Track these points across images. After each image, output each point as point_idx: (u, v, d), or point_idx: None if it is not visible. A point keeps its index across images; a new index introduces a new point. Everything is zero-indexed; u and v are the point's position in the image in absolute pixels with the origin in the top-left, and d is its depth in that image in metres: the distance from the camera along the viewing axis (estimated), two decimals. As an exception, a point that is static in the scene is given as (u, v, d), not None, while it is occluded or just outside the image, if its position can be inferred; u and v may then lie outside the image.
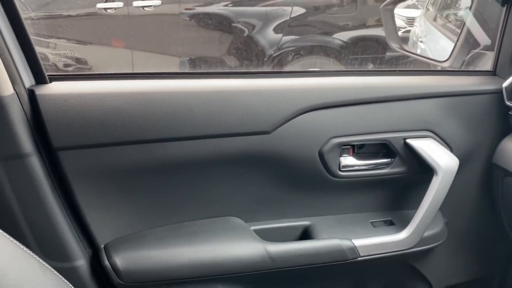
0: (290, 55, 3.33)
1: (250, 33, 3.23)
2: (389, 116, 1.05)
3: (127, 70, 2.72)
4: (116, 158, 0.92)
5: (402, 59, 2.07)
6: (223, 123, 0.95)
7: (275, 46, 3.25)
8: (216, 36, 3.35)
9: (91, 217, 0.95)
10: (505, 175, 1.11)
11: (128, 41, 3.35)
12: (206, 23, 3.50)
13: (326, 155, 1.03)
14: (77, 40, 3.51)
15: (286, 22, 3.27)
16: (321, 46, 3.37)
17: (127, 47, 3.47)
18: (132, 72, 0.96)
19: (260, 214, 1.09)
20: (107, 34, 3.37)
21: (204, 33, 3.48)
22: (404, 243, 1.06)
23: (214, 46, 3.30)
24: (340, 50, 3.37)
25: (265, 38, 3.22)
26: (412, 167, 1.08)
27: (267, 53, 3.28)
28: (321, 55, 3.33)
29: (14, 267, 0.62)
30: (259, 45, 3.24)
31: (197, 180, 1.00)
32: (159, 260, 0.96)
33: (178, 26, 3.49)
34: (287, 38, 3.29)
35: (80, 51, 3.30)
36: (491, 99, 1.10)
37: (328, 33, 3.47)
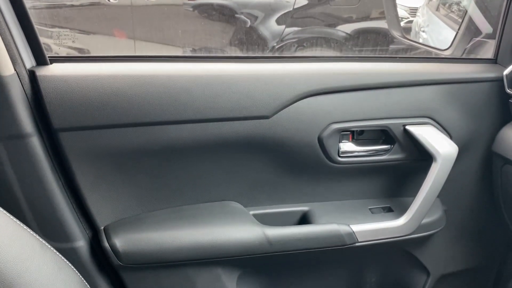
0: (293, 47, 3.32)
1: (253, 24, 3.22)
2: (389, 102, 1.05)
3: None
4: (116, 140, 0.92)
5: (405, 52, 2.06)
6: (223, 107, 0.95)
7: (277, 38, 3.24)
8: (219, 27, 3.35)
9: (91, 199, 0.95)
10: (504, 163, 1.11)
11: (131, 31, 3.34)
12: (209, 13, 3.49)
13: (326, 140, 1.03)
14: (80, 29, 3.51)
15: (289, 14, 3.25)
16: (324, 38, 3.36)
17: (130, 37, 3.47)
18: (132, 55, 0.96)
19: (259, 199, 1.09)
20: (110, 24, 3.37)
21: (207, 23, 3.48)
22: (402, 230, 1.07)
23: (216, 37, 3.30)
24: (344, 42, 3.35)
25: (268, 29, 3.21)
26: (411, 153, 1.08)
27: (270, 44, 3.27)
28: (324, 47, 3.32)
29: (14, 245, 0.63)
30: (261, 36, 3.24)
31: (196, 164, 1.01)
32: (158, 242, 0.97)
33: (181, 17, 3.48)
34: (290, 30, 3.28)
35: (83, 40, 3.30)
36: (491, 87, 1.10)
37: (331, 25, 3.45)
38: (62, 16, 3.29)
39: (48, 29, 3.22)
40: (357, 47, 3.36)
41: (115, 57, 0.95)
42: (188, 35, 3.46)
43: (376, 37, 3.32)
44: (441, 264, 1.23)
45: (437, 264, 1.23)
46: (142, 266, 0.97)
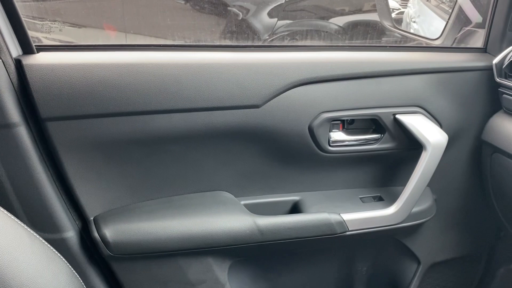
0: (285, 40, 3.30)
1: (245, 17, 3.20)
2: (379, 91, 1.05)
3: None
4: (105, 129, 0.92)
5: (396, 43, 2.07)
6: (213, 96, 0.94)
7: (270, 30, 3.23)
8: (211, 20, 3.33)
9: (81, 189, 0.95)
10: (493, 152, 1.11)
11: (123, 24, 3.31)
12: (201, 6, 3.47)
13: (316, 130, 1.03)
14: (71, 23, 3.47)
15: (281, 6, 3.24)
16: (316, 30, 3.35)
17: (122, 30, 3.44)
18: (120, 43, 0.95)
19: (250, 188, 1.09)
20: (101, 17, 3.33)
21: (199, 16, 3.46)
22: (392, 218, 1.07)
23: (208, 30, 3.28)
24: (336, 34, 3.35)
25: (260, 22, 3.20)
26: (401, 142, 1.09)
27: (262, 37, 3.26)
28: (316, 39, 3.31)
29: (2, 236, 0.62)
30: (254, 29, 3.22)
31: (187, 154, 1.01)
32: (149, 232, 0.96)
33: (173, 10, 3.46)
34: (282, 22, 3.26)
35: (75, 34, 3.27)
36: (481, 76, 1.10)
37: (323, 18, 3.44)
38: (53, 8, 3.25)
39: (38, 22, 3.18)
40: (350, 40, 3.35)
41: (103, 45, 0.94)
42: (180, 28, 3.44)
43: (369, 30, 3.32)
44: (431, 252, 1.24)
45: (427, 253, 1.24)
46: (132, 256, 0.97)
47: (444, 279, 1.31)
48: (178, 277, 1.02)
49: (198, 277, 1.03)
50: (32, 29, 1.50)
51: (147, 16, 3.36)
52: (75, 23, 3.42)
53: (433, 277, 1.29)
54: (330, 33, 3.27)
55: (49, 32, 1.63)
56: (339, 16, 3.33)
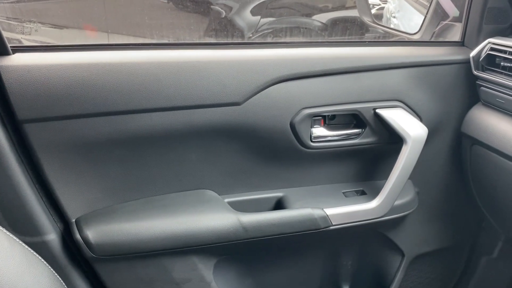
0: (269, 37, 3.30)
1: (228, 14, 3.19)
2: (359, 86, 1.06)
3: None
4: (84, 130, 0.91)
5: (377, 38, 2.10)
6: (193, 94, 0.94)
7: (253, 28, 3.23)
8: (194, 19, 3.31)
9: (61, 191, 0.94)
10: (473, 144, 1.13)
11: (105, 24, 3.28)
12: (184, 5, 3.45)
13: (298, 126, 1.03)
14: (52, 24, 3.43)
15: (264, 4, 3.24)
16: (299, 27, 3.36)
17: (104, 30, 3.40)
18: (98, 43, 0.94)
19: (233, 186, 1.09)
20: (83, 18, 3.29)
21: (182, 15, 3.43)
22: (375, 212, 1.08)
23: (191, 29, 3.26)
24: (319, 31, 3.36)
25: (243, 20, 3.19)
26: (382, 136, 1.10)
27: (246, 35, 3.25)
28: (299, 37, 3.32)
29: (-21, 240, 0.62)
30: (237, 27, 3.22)
31: (168, 153, 1.00)
32: (132, 232, 0.96)
33: (156, 8, 3.43)
34: (265, 20, 3.26)
35: (57, 35, 3.22)
36: (459, 69, 1.12)
37: (307, 15, 3.45)
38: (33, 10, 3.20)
39: (18, 23, 3.13)
40: (333, 36, 3.37)
41: (80, 45, 0.93)
42: (162, 27, 3.42)
43: (352, 26, 3.34)
44: (415, 244, 1.26)
45: (411, 245, 1.25)
46: (116, 257, 0.96)
47: (428, 270, 1.33)
48: (163, 276, 1.01)
49: (183, 276, 1.03)
50: (7, 30, 1.47)
51: (129, 16, 3.33)
52: (55, 24, 3.38)
53: (418, 268, 1.31)
54: (314, 30, 3.28)
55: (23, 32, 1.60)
56: (322, 13, 3.35)
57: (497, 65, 1.05)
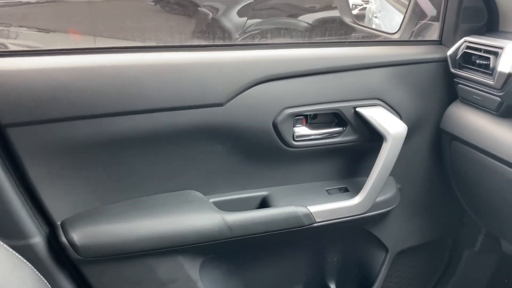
0: (256, 38, 3.32)
1: (215, 16, 3.20)
2: (340, 86, 1.08)
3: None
4: (68, 133, 0.92)
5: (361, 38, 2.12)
6: (176, 96, 0.95)
7: (240, 30, 3.24)
8: (181, 21, 3.32)
9: (46, 194, 0.94)
10: (452, 140, 1.16)
11: (91, 27, 3.27)
12: (171, 7, 3.45)
13: (280, 125, 1.05)
14: (38, 28, 3.41)
15: (250, 5, 3.26)
16: (286, 28, 3.38)
17: (90, 34, 3.39)
18: (79, 47, 0.95)
19: (218, 186, 1.11)
20: (70, 22, 3.28)
21: (169, 18, 3.43)
22: (357, 208, 1.10)
23: (179, 31, 3.27)
24: (306, 32, 3.38)
25: (230, 21, 3.21)
26: (363, 135, 1.12)
27: (233, 36, 3.26)
28: (286, 37, 3.34)
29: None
30: (224, 29, 3.23)
31: (152, 154, 1.01)
32: (117, 234, 0.97)
33: (142, 11, 3.43)
34: (252, 21, 3.28)
35: (42, 39, 3.21)
36: (437, 67, 1.14)
37: (293, 15, 3.47)
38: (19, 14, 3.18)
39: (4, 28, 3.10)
40: (319, 37, 3.39)
41: (62, 50, 0.94)
42: (150, 30, 3.42)
43: (338, 26, 3.36)
44: (398, 240, 1.28)
45: (394, 241, 1.27)
46: (101, 259, 0.97)
47: (412, 265, 1.36)
48: (149, 277, 1.02)
49: (170, 276, 1.04)
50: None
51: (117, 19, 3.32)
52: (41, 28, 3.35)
53: (401, 263, 1.33)
54: (300, 31, 3.31)
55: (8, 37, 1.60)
56: (309, 14, 3.37)
57: (473, 63, 1.08)
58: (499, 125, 1.02)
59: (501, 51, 0.99)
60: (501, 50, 0.99)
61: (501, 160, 0.99)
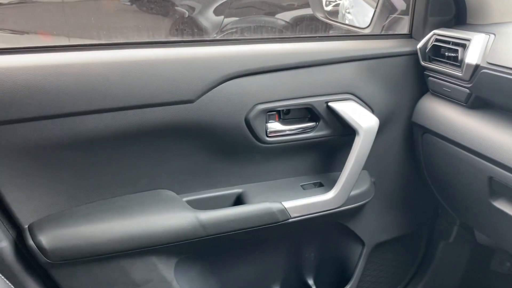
0: (233, 37, 3.31)
1: (191, 15, 3.18)
2: (311, 81, 1.08)
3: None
4: (33, 134, 0.89)
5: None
6: (144, 93, 0.94)
7: (217, 28, 3.22)
8: (157, 20, 3.28)
9: (11, 197, 0.92)
10: (424, 132, 1.17)
11: (66, 28, 3.21)
12: (148, 7, 3.41)
13: (252, 121, 1.04)
14: (12, 30, 3.33)
15: (227, 4, 3.24)
16: (263, 26, 3.37)
17: (65, 35, 3.33)
18: (41, 45, 0.93)
19: (191, 185, 1.09)
20: (43, 23, 3.22)
21: (145, 17, 3.40)
22: (332, 202, 1.10)
23: (155, 30, 3.23)
24: (283, 30, 3.38)
25: (207, 20, 3.19)
26: (335, 129, 1.12)
27: (210, 35, 3.24)
28: (264, 35, 3.33)
29: None
30: (201, 27, 3.20)
31: (121, 154, 0.99)
32: (88, 236, 0.95)
33: (119, 12, 3.38)
34: (229, 20, 3.27)
35: (15, 41, 3.13)
36: (408, 61, 1.15)
37: (270, 13, 3.47)
38: (-10, 16, 3.10)
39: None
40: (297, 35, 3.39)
41: (24, 48, 0.91)
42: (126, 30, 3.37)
43: (316, 23, 3.38)
44: (374, 233, 1.29)
45: (370, 234, 1.28)
46: (72, 261, 0.95)
47: (389, 258, 1.36)
48: (122, 278, 1.00)
49: (143, 277, 1.02)
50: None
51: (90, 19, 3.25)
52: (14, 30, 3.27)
53: (378, 257, 1.34)
54: (278, 29, 3.31)
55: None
56: (286, 11, 3.37)
57: (442, 56, 1.09)
58: (469, 117, 1.03)
59: (469, 43, 1.00)
60: (469, 42, 1.01)
61: (471, 151, 1.00)
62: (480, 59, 0.97)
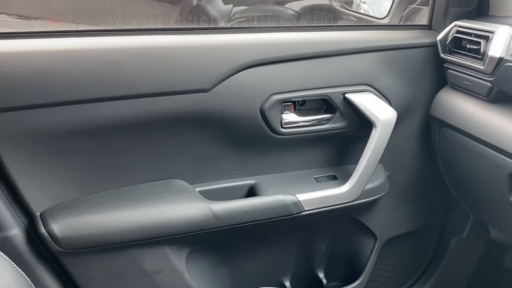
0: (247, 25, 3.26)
1: (199, 3, 3.14)
2: (328, 71, 1.06)
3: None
4: (46, 120, 0.87)
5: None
6: (159, 81, 0.92)
7: (226, 17, 3.18)
8: (165, 8, 3.24)
9: (24, 185, 0.90)
10: (441, 126, 1.14)
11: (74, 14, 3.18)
12: (155, -6, 3.37)
13: (268, 112, 1.02)
14: (18, 15, 3.31)
15: (236, -8, 3.19)
16: (272, 16, 3.33)
17: (73, 21, 3.30)
18: (57, 30, 0.91)
19: (204, 175, 1.08)
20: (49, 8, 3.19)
21: (153, 4, 3.36)
22: (346, 196, 1.09)
23: (163, 18, 3.20)
24: (293, 20, 3.34)
25: (215, 8, 3.14)
26: (352, 121, 1.10)
27: (218, 24, 3.21)
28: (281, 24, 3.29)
29: None
30: (209, 16, 3.17)
31: (135, 142, 0.98)
32: (100, 225, 0.93)
33: (126, -2, 3.34)
34: (238, 9, 3.22)
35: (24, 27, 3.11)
36: (427, 52, 1.13)
37: (280, 3, 3.42)
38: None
39: (-19, 15, 3.00)
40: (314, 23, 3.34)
41: (39, 32, 0.89)
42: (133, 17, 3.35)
43: (325, 14, 3.33)
44: (387, 228, 1.27)
45: (383, 228, 1.26)
46: (83, 250, 0.94)
47: (401, 253, 1.35)
48: (134, 268, 0.99)
49: (155, 267, 1.01)
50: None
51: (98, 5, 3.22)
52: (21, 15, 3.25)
53: (390, 251, 1.32)
54: (287, 19, 3.26)
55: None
56: (296, 1, 3.33)
57: (463, 48, 1.06)
58: (489, 111, 1.00)
59: (492, 35, 0.98)
60: (492, 34, 0.98)
61: (491, 146, 0.98)
62: (504, 52, 0.95)
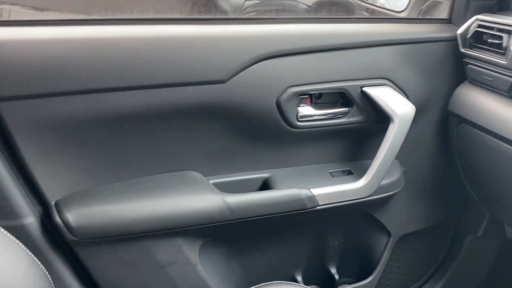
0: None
1: (212, -4, 3.12)
2: (346, 64, 1.04)
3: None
4: (62, 109, 0.87)
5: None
6: (175, 71, 0.91)
7: (238, 11, 3.16)
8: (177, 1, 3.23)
9: (39, 173, 0.90)
10: (459, 122, 1.12)
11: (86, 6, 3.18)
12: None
13: (284, 105, 1.01)
14: (32, 6, 3.32)
15: (249, -15, 3.17)
16: (285, 10, 3.31)
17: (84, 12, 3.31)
18: (74, 18, 0.90)
19: (218, 167, 1.07)
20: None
21: (165, -3, 3.34)
22: (362, 191, 1.07)
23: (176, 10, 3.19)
24: (305, 14, 3.32)
25: (227, 1, 3.13)
26: (369, 115, 1.08)
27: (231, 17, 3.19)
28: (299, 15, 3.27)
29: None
30: (221, 10, 3.15)
31: (150, 133, 0.97)
32: (114, 215, 0.93)
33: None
34: (250, 2, 3.21)
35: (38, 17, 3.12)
36: (446, 47, 1.11)
37: (293, -3, 3.40)
38: (9, -9, 3.08)
39: (-5, 5, 3.00)
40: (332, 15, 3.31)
41: (56, 20, 0.88)
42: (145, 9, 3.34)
43: (338, 8, 3.30)
44: (401, 224, 1.26)
45: (397, 225, 1.25)
46: (97, 240, 0.93)
47: (414, 250, 1.34)
48: (147, 259, 0.99)
49: (168, 259, 1.01)
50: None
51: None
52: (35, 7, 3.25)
53: (404, 248, 1.31)
54: (299, 13, 3.24)
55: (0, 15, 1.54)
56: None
57: (484, 42, 1.04)
58: (511, 107, 0.98)
59: (515, 30, 0.95)
60: (515, 28, 0.96)
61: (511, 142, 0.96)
62: (527, 47, 0.93)
